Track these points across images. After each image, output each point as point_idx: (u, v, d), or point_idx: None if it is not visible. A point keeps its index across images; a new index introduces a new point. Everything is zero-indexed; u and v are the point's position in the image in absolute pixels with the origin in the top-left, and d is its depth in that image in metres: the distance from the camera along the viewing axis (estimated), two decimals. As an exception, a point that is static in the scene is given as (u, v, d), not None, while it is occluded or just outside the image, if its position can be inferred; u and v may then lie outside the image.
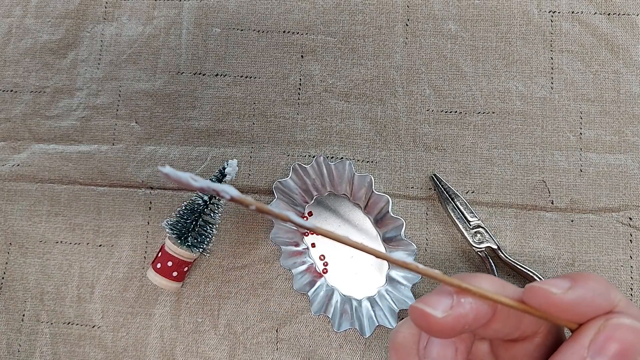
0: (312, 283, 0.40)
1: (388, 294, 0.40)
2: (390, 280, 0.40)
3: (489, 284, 0.21)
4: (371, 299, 0.40)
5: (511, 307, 0.21)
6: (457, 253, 0.41)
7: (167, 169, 0.19)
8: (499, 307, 0.21)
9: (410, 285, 0.39)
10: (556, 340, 0.22)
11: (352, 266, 0.41)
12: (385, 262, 0.41)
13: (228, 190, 0.20)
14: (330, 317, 0.39)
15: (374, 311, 0.40)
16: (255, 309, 0.41)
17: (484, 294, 0.20)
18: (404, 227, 0.39)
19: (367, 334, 0.39)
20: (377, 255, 0.22)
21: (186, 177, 0.20)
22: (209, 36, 0.45)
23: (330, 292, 0.40)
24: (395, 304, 0.39)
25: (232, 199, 0.20)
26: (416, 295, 0.40)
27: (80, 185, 0.44)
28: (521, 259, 0.40)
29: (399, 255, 0.40)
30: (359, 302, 0.40)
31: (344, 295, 0.41)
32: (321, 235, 0.21)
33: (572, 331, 0.21)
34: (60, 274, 0.43)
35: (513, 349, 0.23)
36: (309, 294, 0.40)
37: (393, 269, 0.40)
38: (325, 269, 0.41)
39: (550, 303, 0.20)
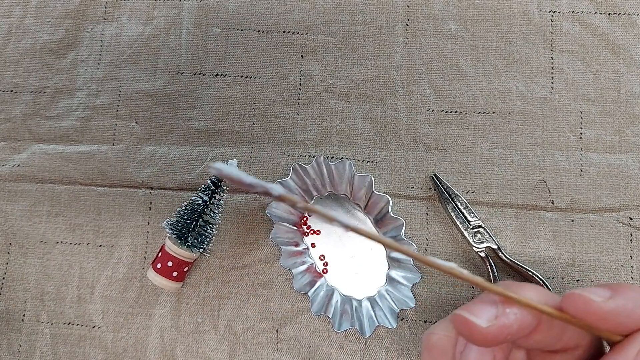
0: (312, 283, 0.40)
1: (388, 294, 0.40)
2: (390, 280, 0.40)
3: (534, 294, 0.21)
4: (371, 299, 0.40)
5: (555, 317, 0.20)
6: (457, 253, 0.41)
7: (219, 165, 0.20)
8: (543, 317, 0.20)
9: (411, 286, 0.39)
10: (597, 354, 0.22)
11: (352, 266, 0.41)
12: (385, 262, 0.41)
13: (276, 188, 0.20)
14: (330, 317, 0.39)
15: (374, 311, 0.40)
16: (256, 309, 0.41)
17: (529, 304, 0.20)
18: (404, 227, 0.39)
19: (367, 334, 0.39)
20: (424, 261, 0.21)
21: (237, 173, 0.20)
22: (209, 36, 0.45)
23: (331, 292, 0.40)
24: (396, 304, 0.39)
25: (280, 198, 0.20)
26: (416, 295, 0.40)
27: (81, 185, 0.44)
28: (521, 259, 0.40)
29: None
30: (359, 302, 0.40)
31: (344, 295, 0.41)
32: (371, 239, 0.21)
33: (613, 344, 0.20)
34: (61, 274, 0.43)
35: (552, 359, 0.22)
36: (309, 294, 0.40)
37: (393, 269, 0.40)
38: (325, 269, 0.41)
39: (590, 311, 0.20)
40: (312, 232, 0.42)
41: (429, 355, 0.23)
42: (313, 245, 0.42)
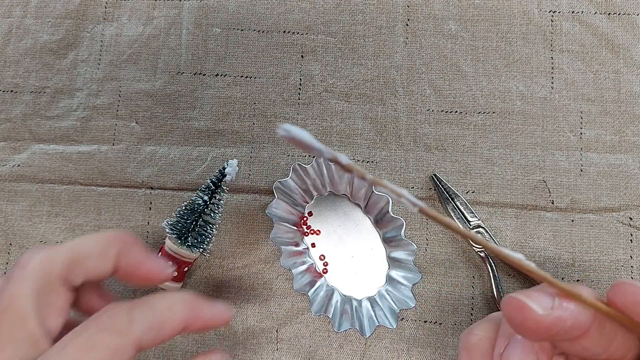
0: (312, 283, 0.40)
1: (388, 294, 0.40)
2: (390, 280, 0.40)
3: (590, 294, 0.20)
4: (371, 299, 0.40)
5: (612, 316, 0.20)
6: (457, 253, 0.41)
7: (288, 126, 0.19)
8: (595, 322, 0.20)
9: (411, 286, 0.39)
10: None
11: (352, 266, 0.41)
12: (385, 262, 0.41)
13: (344, 157, 0.19)
14: (330, 317, 0.39)
15: (374, 311, 0.40)
16: (255, 309, 0.41)
17: (586, 300, 0.19)
18: (404, 227, 0.39)
19: (368, 334, 0.39)
20: (493, 251, 0.20)
21: (308, 137, 0.19)
22: (209, 36, 0.45)
23: (331, 292, 0.40)
24: (396, 304, 0.39)
25: (347, 167, 0.19)
26: (416, 295, 0.40)
27: (81, 185, 0.44)
28: (521, 259, 0.40)
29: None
30: (359, 302, 0.40)
31: (344, 295, 0.41)
32: (433, 219, 0.20)
33: None
34: (61, 274, 0.43)
35: None
36: (309, 294, 0.40)
37: (393, 269, 0.40)
38: (325, 269, 0.41)
39: (638, 301, 0.19)
40: (312, 232, 0.42)
41: (467, 355, 0.23)
42: (313, 245, 0.42)
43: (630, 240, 0.40)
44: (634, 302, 0.19)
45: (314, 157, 0.19)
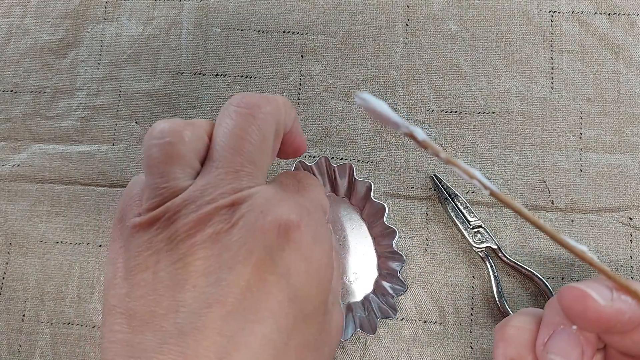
0: None
1: (373, 301, 0.40)
2: (377, 288, 0.40)
3: None
4: (355, 305, 0.40)
5: None
6: (457, 253, 0.41)
7: (367, 95, 0.18)
8: None
9: (395, 296, 0.39)
10: None
11: (342, 269, 0.41)
12: (375, 270, 0.40)
13: (420, 132, 0.19)
14: None
15: (355, 316, 0.39)
16: (256, 309, 0.41)
17: None
18: (396, 237, 0.39)
19: (347, 337, 0.38)
20: (558, 240, 0.21)
21: (386, 108, 0.18)
22: (209, 36, 0.45)
23: None
24: (379, 313, 0.39)
25: (423, 143, 0.19)
26: (416, 295, 0.40)
27: (81, 185, 0.44)
28: (521, 259, 0.40)
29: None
30: (344, 305, 0.40)
31: None
32: (504, 203, 0.20)
33: None
34: (61, 274, 0.43)
35: None
36: None
37: (381, 278, 0.40)
38: None
39: None
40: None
41: (505, 347, 0.23)
42: None
43: (630, 240, 0.40)
44: None
45: (387, 125, 0.18)
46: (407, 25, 0.44)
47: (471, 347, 0.39)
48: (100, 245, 0.43)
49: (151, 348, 0.19)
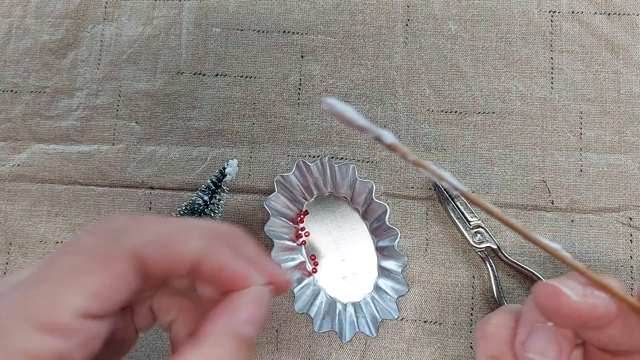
0: (299, 280, 0.40)
1: (373, 302, 0.40)
2: (377, 289, 0.40)
3: (617, 284, 0.21)
4: (356, 305, 0.40)
5: (637, 308, 0.20)
6: (457, 253, 0.41)
7: (333, 101, 0.18)
8: (621, 312, 0.20)
9: (396, 297, 0.39)
10: None
11: (341, 270, 0.41)
12: (375, 270, 0.41)
13: (388, 135, 0.19)
14: (312, 316, 0.39)
15: (356, 317, 0.39)
16: (256, 309, 0.41)
17: (614, 291, 0.20)
18: (398, 238, 0.39)
19: (347, 339, 0.38)
20: (530, 238, 0.21)
21: (351, 112, 0.18)
22: (209, 36, 0.45)
23: (317, 292, 0.40)
24: (379, 313, 0.39)
25: (391, 147, 0.19)
26: (416, 295, 0.40)
27: (80, 185, 0.44)
28: (521, 259, 0.40)
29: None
30: (344, 306, 0.40)
31: (330, 297, 0.41)
32: (474, 203, 0.20)
33: None
34: (60, 274, 0.43)
35: None
36: (295, 290, 0.40)
37: (382, 278, 0.40)
38: (315, 268, 0.41)
39: None
40: (306, 234, 0.42)
41: (486, 344, 0.23)
42: (304, 243, 0.42)
43: (630, 240, 0.40)
44: None
45: (359, 131, 0.18)
46: (407, 25, 0.44)
47: (471, 347, 0.39)
48: (100, 245, 0.43)
49: None
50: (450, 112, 0.43)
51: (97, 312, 0.19)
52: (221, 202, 0.40)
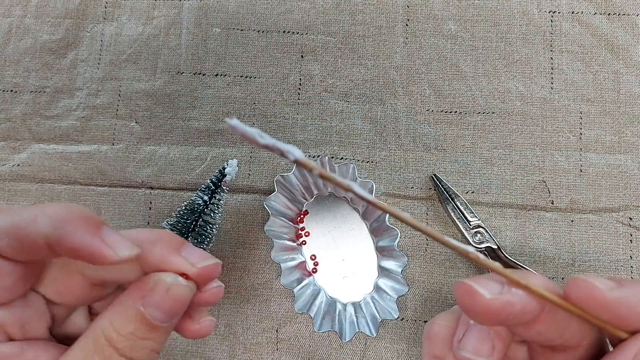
0: (299, 280, 0.40)
1: (373, 302, 0.40)
2: (377, 289, 0.40)
3: (540, 281, 0.21)
4: (356, 305, 0.40)
5: (559, 305, 0.20)
6: (457, 253, 0.41)
7: (235, 122, 0.19)
8: (546, 307, 0.20)
9: (396, 297, 0.39)
10: (599, 355, 0.22)
11: (342, 270, 0.41)
12: (375, 270, 0.41)
13: (293, 151, 0.19)
14: (312, 316, 0.39)
15: (356, 317, 0.39)
16: (255, 309, 0.41)
17: (533, 289, 0.20)
18: (398, 238, 0.39)
19: (346, 339, 0.38)
20: (439, 240, 0.21)
21: (253, 132, 0.19)
22: (209, 36, 0.45)
23: (317, 292, 0.40)
24: (379, 313, 0.39)
25: (296, 161, 0.19)
26: (416, 295, 0.40)
27: (80, 185, 0.44)
28: (521, 259, 0.40)
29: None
30: (344, 306, 0.40)
31: (330, 297, 0.41)
32: (379, 209, 0.21)
33: (616, 343, 0.20)
34: (60, 274, 0.43)
35: (552, 358, 0.22)
36: (295, 290, 0.40)
37: (382, 278, 0.40)
38: (315, 268, 0.41)
39: (592, 297, 0.19)
40: (306, 234, 0.42)
41: (429, 344, 0.23)
42: (304, 243, 0.42)
43: (630, 240, 0.40)
44: (588, 298, 0.20)
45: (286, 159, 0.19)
46: (407, 25, 0.44)
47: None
48: (100, 245, 0.43)
49: None
50: (450, 112, 0.43)
51: None
52: (221, 202, 0.40)
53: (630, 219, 0.40)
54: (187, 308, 0.25)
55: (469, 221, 0.40)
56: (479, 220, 0.40)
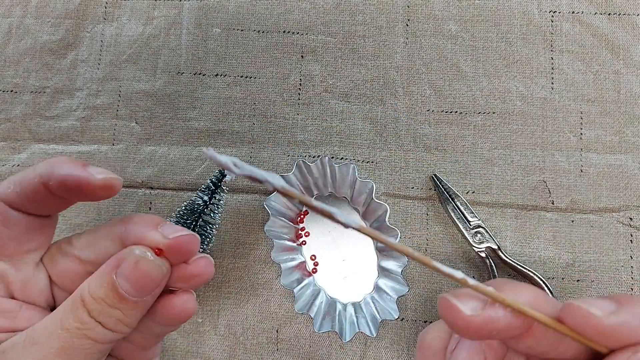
0: (299, 280, 0.40)
1: (373, 302, 0.40)
2: (377, 289, 0.40)
3: (528, 296, 0.20)
4: (356, 305, 0.40)
5: (545, 325, 0.19)
6: (457, 253, 0.41)
7: (210, 152, 0.20)
8: (535, 322, 0.20)
9: (396, 297, 0.39)
10: None
11: (342, 270, 0.41)
12: (375, 270, 0.41)
13: (272, 180, 0.20)
14: (312, 316, 0.39)
15: (356, 317, 0.39)
16: (255, 309, 0.41)
17: (518, 308, 0.19)
18: (398, 238, 0.39)
19: (347, 339, 0.38)
20: (423, 262, 0.21)
21: (227, 161, 0.19)
22: (209, 36, 0.45)
23: (317, 292, 0.40)
24: (379, 313, 0.39)
25: (276, 190, 0.20)
26: (416, 295, 0.40)
27: (80, 185, 0.43)
28: (521, 259, 0.40)
29: (390, 266, 0.40)
30: (344, 306, 0.40)
31: (330, 297, 0.41)
32: (361, 232, 0.21)
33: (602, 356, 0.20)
34: (60, 274, 0.43)
35: None
36: (295, 291, 0.40)
37: (382, 278, 0.40)
38: (315, 268, 0.41)
39: (589, 325, 0.19)
40: (306, 234, 0.42)
41: (422, 354, 0.24)
42: (304, 243, 0.42)
43: (630, 240, 0.40)
44: (584, 326, 0.19)
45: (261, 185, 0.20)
46: (407, 25, 0.44)
47: (471, 348, 0.39)
48: (100, 246, 0.43)
49: None
50: (451, 112, 0.43)
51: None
52: (221, 202, 0.40)
53: (631, 219, 0.40)
54: (161, 288, 0.26)
55: (469, 221, 0.40)
56: (479, 220, 0.40)
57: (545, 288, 0.38)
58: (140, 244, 0.25)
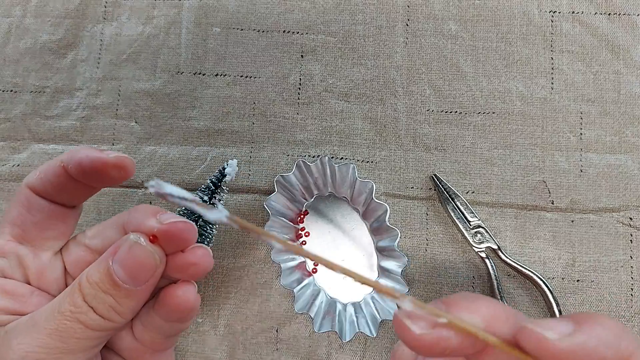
0: (299, 280, 0.40)
1: (373, 302, 0.40)
2: None
3: (485, 314, 0.19)
4: (356, 305, 0.40)
5: (497, 347, 0.19)
6: (457, 253, 0.41)
7: (156, 182, 0.22)
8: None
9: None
10: None
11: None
12: (375, 270, 0.41)
13: (213, 216, 0.22)
14: (312, 316, 0.39)
15: (356, 317, 0.39)
16: (255, 309, 0.41)
17: (469, 330, 0.19)
18: (398, 238, 0.39)
19: (347, 339, 0.38)
20: (367, 283, 0.22)
21: (178, 193, 0.21)
22: (209, 36, 0.45)
23: (317, 292, 0.40)
24: (379, 313, 0.39)
25: (234, 220, 0.21)
26: (416, 296, 0.40)
27: (80, 185, 0.43)
28: (521, 259, 0.40)
29: (387, 278, 0.40)
30: (344, 306, 0.40)
31: (330, 297, 0.41)
32: (308, 258, 0.22)
33: None
34: (60, 274, 0.43)
35: None
36: (295, 291, 0.40)
37: (382, 278, 0.40)
38: (315, 268, 0.41)
39: (544, 349, 0.18)
40: (306, 234, 0.42)
41: None
42: (304, 243, 0.42)
43: (630, 240, 0.40)
44: (538, 350, 0.18)
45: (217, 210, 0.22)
46: (407, 25, 0.44)
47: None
48: (100, 245, 0.43)
49: None
50: (450, 112, 0.43)
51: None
52: (221, 202, 0.40)
53: (631, 219, 0.40)
54: (155, 278, 0.27)
55: (469, 221, 0.40)
56: (479, 220, 0.40)
57: (545, 288, 0.38)
58: (138, 231, 0.26)
